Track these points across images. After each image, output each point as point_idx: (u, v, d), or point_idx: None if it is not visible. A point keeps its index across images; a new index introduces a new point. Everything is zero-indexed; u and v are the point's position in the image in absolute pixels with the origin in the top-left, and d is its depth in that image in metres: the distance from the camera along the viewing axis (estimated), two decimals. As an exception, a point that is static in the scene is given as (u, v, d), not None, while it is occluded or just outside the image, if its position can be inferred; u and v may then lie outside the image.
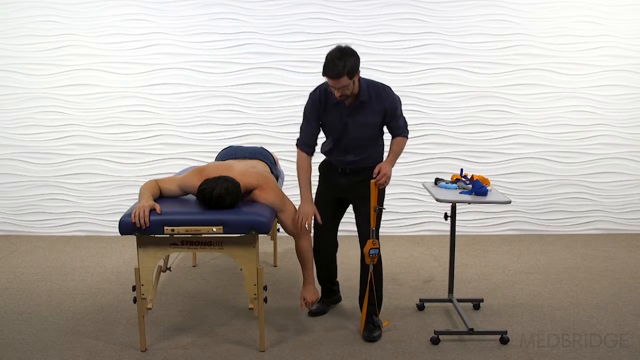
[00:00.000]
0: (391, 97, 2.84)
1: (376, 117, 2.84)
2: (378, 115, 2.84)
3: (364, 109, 2.81)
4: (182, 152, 4.82)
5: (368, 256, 2.82)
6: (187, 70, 4.71)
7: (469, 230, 4.96)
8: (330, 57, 2.62)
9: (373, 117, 2.84)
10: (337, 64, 2.59)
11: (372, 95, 2.81)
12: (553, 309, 3.31)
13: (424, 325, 3.09)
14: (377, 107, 2.82)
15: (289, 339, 2.93)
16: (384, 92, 2.83)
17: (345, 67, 2.59)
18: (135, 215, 2.52)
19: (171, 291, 3.60)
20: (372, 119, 2.84)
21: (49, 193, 4.89)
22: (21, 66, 4.72)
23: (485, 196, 2.90)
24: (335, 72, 2.60)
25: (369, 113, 2.82)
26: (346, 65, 2.60)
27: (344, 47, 2.66)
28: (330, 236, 3.15)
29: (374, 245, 2.82)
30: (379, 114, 2.84)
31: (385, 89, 2.84)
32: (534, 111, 4.80)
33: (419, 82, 4.75)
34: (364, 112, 2.81)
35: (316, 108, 2.88)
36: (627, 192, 4.94)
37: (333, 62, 2.59)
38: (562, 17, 4.68)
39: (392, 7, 4.65)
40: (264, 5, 4.64)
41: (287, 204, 2.91)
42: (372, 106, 2.81)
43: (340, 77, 2.61)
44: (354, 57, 2.65)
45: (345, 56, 2.61)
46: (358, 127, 2.84)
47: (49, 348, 2.82)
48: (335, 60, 2.60)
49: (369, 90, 2.81)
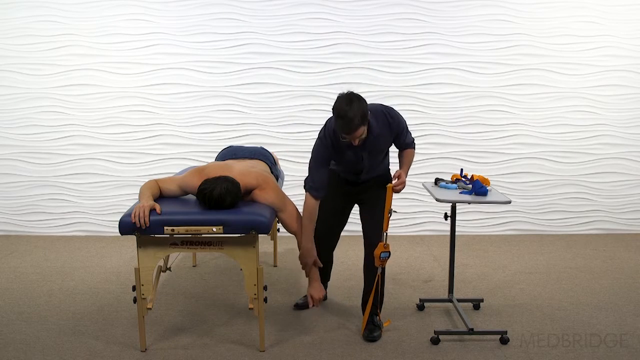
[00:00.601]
0: (397, 120, 2.82)
1: (388, 142, 2.89)
2: (390, 140, 2.88)
3: (377, 140, 2.80)
4: (182, 152, 4.82)
5: (379, 259, 2.81)
6: (187, 70, 4.71)
7: (469, 230, 4.96)
8: (340, 112, 2.52)
9: (385, 144, 2.87)
10: (352, 119, 2.50)
11: (380, 124, 2.77)
12: (553, 309, 3.31)
13: (424, 325, 3.09)
14: (388, 133, 2.82)
15: (289, 339, 2.93)
16: (390, 117, 2.79)
17: (359, 118, 2.52)
18: (135, 215, 2.52)
19: (171, 291, 3.60)
20: (384, 145, 2.88)
21: (49, 193, 4.89)
22: (21, 66, 4.72)
23: (485, 196, 2.90)
24: (352, 127, 2.53)
25: (382, 140, 2.82)
26: (359, 116, 2.52)
27: (349, 95, 2.56)
28: (331, 243, 3.19)
29: (385, 248, 2.81)
30: (390, 139, 2.87)
31: (390, 114, 2.80)
32: (534, 111, 4.80)
33: (419, 82, 4.75)
34: (377, 142, 2.81)
35: (328, 153, 2.80)
36: (627, 192, 4.94)
37: (347, 118, 2.50)
38: (562, 17, 4.68)
39: (392, 7, 4.65)
40: (264, 5, 4.64)
41: (287, 204, 2.91)
42: (382, 131, 2.79)
43: (357, 129, 2.55)
44: (362, 102, 2.55)
45: (354, 105, 2.51)
46: (374, 155, 2.86)
47: (49, 348, 2.82)
48: (348, 115, 2.49)
49: (377, 121, 2.76)
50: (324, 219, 3.06)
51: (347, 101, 2.52)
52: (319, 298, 2.95)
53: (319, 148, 2.80)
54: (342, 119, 2.52)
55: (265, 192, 2.83)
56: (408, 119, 4.72)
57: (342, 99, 2.55)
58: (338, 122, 2.55)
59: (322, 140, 2.79)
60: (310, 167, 2.86)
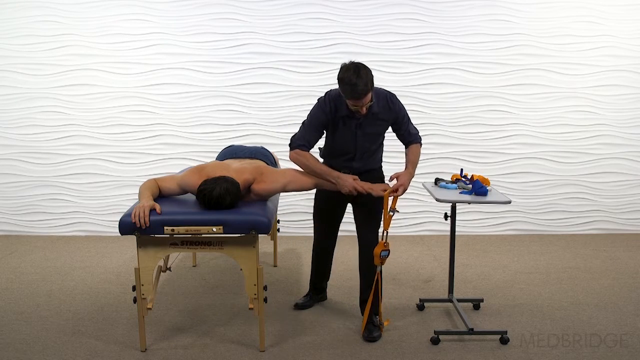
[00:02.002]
0: (397, 105, 2.84)
1: (385, 126, 2.87)
2: (386, 124, 2.86)
3: (373, 120, 2.81)
4: (182, 152, 4.82)
5: (379, 257, 2.81)
6: (187, 70, 4.71)
7: (469, 230, 4.96)
8: (349, 78, 2.55)
9: (382, 127, 2.86)
10: (360, 83, 2.53)
11: (380, 105, 2.79)
12: (553, 309, 3.31)
13: (424, 325, 3.09)
14: (385, 117, 2.82)
15: (289, 339, 2.93)
16: (391, 101, 2.82)
17: (367, 83, 2.56)
18: (135, 215, 2.52)
19: (171, 291, 3.60)
20: (381, 128, 2.86)
21: (49, 193, 4.89)
22: (21, 66, 4.72)
23: (485, 196, 2.90)
24: (363, 92, 2.56)
25: (378, 122, 2.82)
26: (367, 81, 2.56)
27: (357, 64, 2.59)
28: (331, 239, 3.19)
29: (385, 247, 2.81)
30: (387, 123, 2.86)
31: (391, 98, 2.83)
32: (534, 111, 4.80)
33: (419, 82, 4.75)
34: (374, 123, 2.81)
35: (326, 119, 2.81)
36: (627, 192, 4.95)
37: (356, 83, 2.53)
38: (562, 17, 4.68)
39: (392, 7, 4.65)
40: (264, 5, 4.64)
41: (286, 175, 2.85)
42: (382, 116, 2.81)
43: (366, 94, 2.59)
44: (368, 69, 2.60)
45: (362, 72, 2.55)
46: (368, 136, 2.84)
47: (49, 348, 2.82)
48: (356, 80, 2.53)
49: (378, 101, 2.79)
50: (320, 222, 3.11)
51: (355, 68, 2.55)
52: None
53: (317, 112, 2.81)
54: (352, 85, 2.53)
55: (262, 183, 2.81)
56: (408, 119, 4.77)
57: (349, 67, 2.57)
58: (347, 88, 2.56)
59: (321, 105, 2.80)
60: (303, 127, 2.86)
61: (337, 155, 2.93)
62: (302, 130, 2.87)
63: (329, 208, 3.09)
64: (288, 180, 2.83)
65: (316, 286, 3.34)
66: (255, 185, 2.82)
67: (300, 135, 2.87)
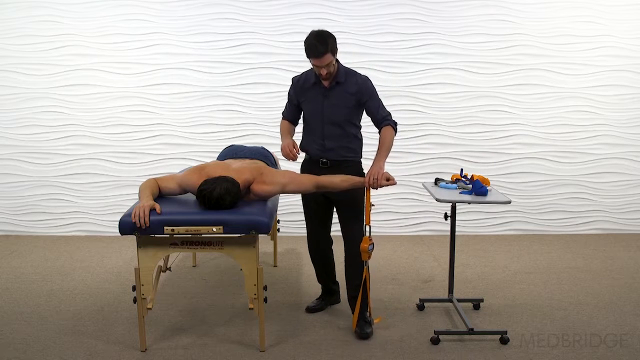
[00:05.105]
0: (365, 84, 2.94)
1: (351, 99, 2.93)
2: (353, 97, 2.93)
3: (339, 90, 2.92)
4: (182, 152, 4.82)
5: (367, 253, 2.82)
6: (187, 70, 4.71)
7: (469, 230, 4.97)
8: (310, 40, 2.77)
9: (348, 99, 2.93)
10: (320, 44, 2.75)
11: (348, 79, 2.94)
12: (553, 309, 3.31)
13: (424, 325, 3.09)
14: (351, 89, 2.92)
15: (289, 339, 2.93)
16: (360, 78, 2.96)
17: (327, 45, 2.75)
18: (135, 215, 2.52)
19: (171, 291, 3.60)
20: (347, 100, 2.93)
21: (49, 193, 4.89)
22: (21, 66, 4.72)
23: (485, 196, 2.90)
24: (319, 50, 2.75)
25: (344, 94, 2.92)
26: (327, 43, 2.75)
27: (321, 30, 2.81)
28: (322, 233, 3.18)
29: (371, 240, 2.82)
30: (353, 95, 2.92)
31: (361, 77, 2.97)
32: (534, 111, 4.80)
33: (419, 82, 4.75)
34: (340, 93, 2.92)
35: (294, 89, 3.05)
36: (627, 192, 4.95)
37: (315, 43, 2.75)
38: (562, 17, 4.68)
39: (392, 7, 4.65)
40: (264, 5, 4.64)
41: (286, 176, 2.85)
42: (347, 88, 2.92)
43: (324, 54, 2.76)
44: (332, 37, 2.80)
45: (324, 36, 2.77)
46: (334, 108, 2.93)
47: (49, 348, 2.82)
48: (316, 41, 2.75)
49: (346, 74, 2.95)
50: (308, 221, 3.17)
51: (320, 31, 2.80)
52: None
53: (290, 86, 3.10)
54: (311, 45, 2.76)
55: (262, 183, 2.81)
56: (408, 119, 4.77)
57: (315, 30, 2.81)
58: (308, 47, 2.78)
59: (293, 79, 3.09)
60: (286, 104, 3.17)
61: (309, 132, 3.04)
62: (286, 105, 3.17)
63: (314, 207, 3.12)
64: (287, 181, 2.83)
65: (325, 287, 3.34)
66: (255, 185, 2.82)
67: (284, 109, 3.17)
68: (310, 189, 2.85)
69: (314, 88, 2.97)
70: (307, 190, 2.86)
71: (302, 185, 2.84)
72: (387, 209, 4.88)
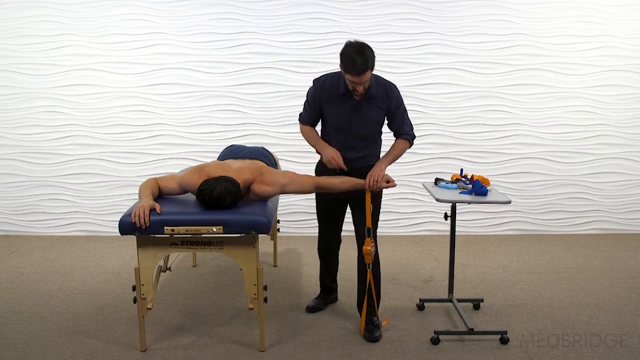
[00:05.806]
0: (396, 96, 2.83)
1: (381, 114, 2.84)
2: (383, 111, 2.84)
3: (370, 104, 2.80)
4: (182, 152, 4.82)
5: (370, 255, 2.82)
6: (187, 70, 4.71)
7: (469, 230, 4.96)
8: (350, 54, 2.57)
9: (378, 114, 2.84)
10: (360, 60, 2.55)
11: (379, 91, 2.80)
12: (553, 309, 3.31)
13: (424, 325, 3.09)
14: (382, 104, 2.81)
15: (289, 339, 2.93)
16: (390, 89, 2.82)
17: (368, 61, 2.57)
18: (135, 215, 2.52)
19: (171, 291, 3.60)
20: (376, 115, 2.84)
21: (49, 193, 4.89)
22: (21, 66, 4.72)
23: (485, 196, 2.90)
24: (359, 68, 2.56)
25: (374, 108, 2.81)
26: (368, 59, 2.57)
27: (360, 42, 2.61)
28: (334, 234, 3.19)
29: (372, 243, 2.83)
30: (383, 110, 2.84)
31: (391, 87, 2.84)
32: (534, 111, 4.80)
33: (419, 82, 4.75)
34: (370, 107, 2.80)
35: (319, 92, 2.85)
36: (627, 192, 4.95)
37: (356, 59, 2.55)
38: (562, 17, 4.68)
39: (392, 7, 4.65)
40: (264, 5, 4.64)
41: (286, 177, 2.84)
42: (378, 102, 2.80)
43: (365, 72, 2.59)
44: (372, 51, 2.61)
45: (364, 50, 2.57)
46: (362, 121, 2.82)
47: (49, 348, 2.82)
48: (357, 56, 2.55)
49: (376, 84, 2.80)
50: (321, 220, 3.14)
51: (358, 45, 2.58)
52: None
53: (311, 87, 2.89)
54: (352, 60, 2.55)
55: (262, 183, 2.80)
56: (408, 119, 4.76)
57: (353, 43, 2.59)
58: (348, 62, 2.57)
59: (316, 82, 2.87)
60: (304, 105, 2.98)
61: (331, 140, 2.91)
62: (304, 106, 2.99)
63: (328, 208, 3.12)
64: (287, 181, 2.83)
65: (325, 285, 3.34)
66: (255, 185, 2.82)
67: (304, 112, 2.99)
68: (310, 189, 2.85)
69: (343, 99, 2.80)
70: (307, 190, 2.86)
71: (302, 185, 2.83)
72: (387, 209, 4.88)
